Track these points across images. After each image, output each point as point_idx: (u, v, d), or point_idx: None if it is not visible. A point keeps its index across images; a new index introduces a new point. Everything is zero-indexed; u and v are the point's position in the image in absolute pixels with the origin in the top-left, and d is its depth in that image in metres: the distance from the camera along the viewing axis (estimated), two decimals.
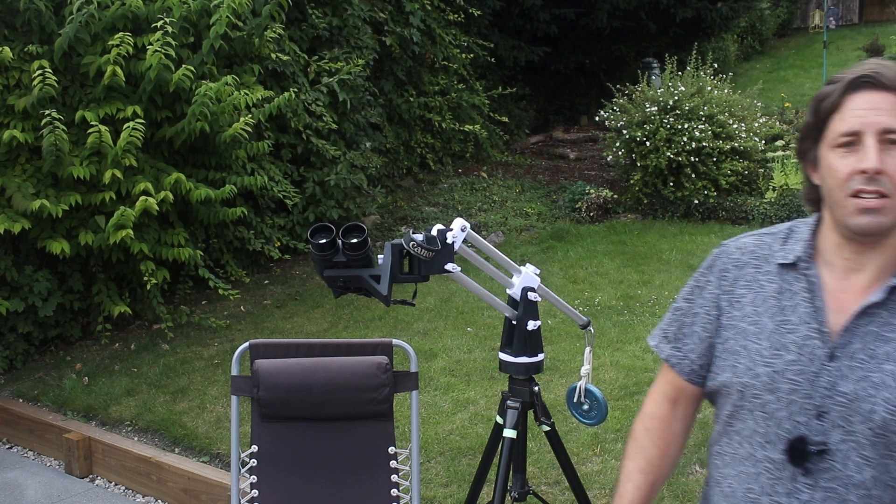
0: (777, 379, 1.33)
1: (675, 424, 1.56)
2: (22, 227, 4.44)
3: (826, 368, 1.30)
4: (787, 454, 1.33)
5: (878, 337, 1.29)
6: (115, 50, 4.56)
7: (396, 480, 2.40)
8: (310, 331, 5.32)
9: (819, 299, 1.34)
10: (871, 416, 1.26)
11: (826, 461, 1.30)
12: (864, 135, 1.26)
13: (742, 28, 15.82)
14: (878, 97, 1.27)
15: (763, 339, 1.36)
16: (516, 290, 2.21)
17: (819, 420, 1.30)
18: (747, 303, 1.41)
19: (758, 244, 1.45)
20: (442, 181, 8.74)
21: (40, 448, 4.35)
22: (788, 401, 1.32)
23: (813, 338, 1.32)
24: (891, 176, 1.25)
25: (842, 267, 1.35)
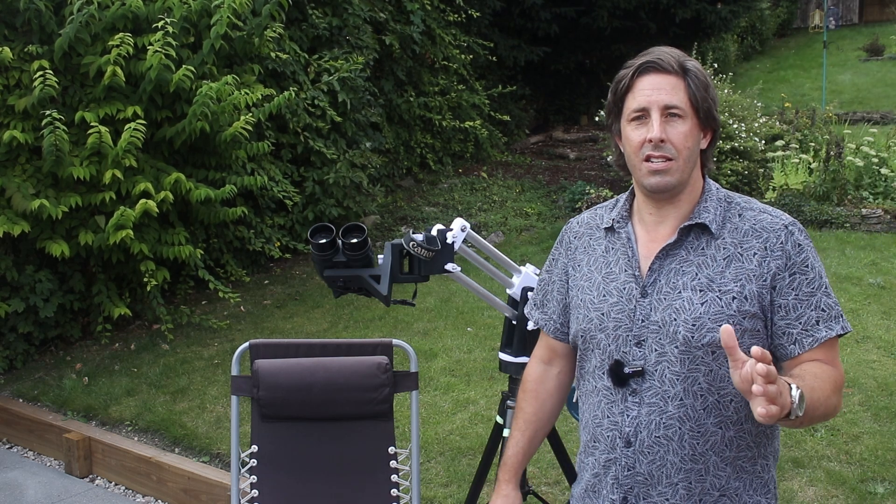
0: (604, 319, 1.60)
1: (549, 383, 1.82)
2: (22, 229, 4.44)
3: (640, 304, 1.56)
4: (608, 378, 1.59)
5: (678, 272, 1.55)
6: (116, 50, 4.56)
7: (396, 480, 2.40)
8: (310, 331, 5.32)
9: (632, 250, 1.60)
10: (676, 337, 1.51)
11: (647, 381, 1.55)
12: (651, 110, 1.52)
13: (742, 28, 15.82)
14: (662, 79, 1.52)
15: (594, 290, 1.64)
16: (516, 290, 2.21)
17: (638, 347, 1.56)
18: (584, 264, 1.70)
19: (592, 216, 1.75)
20: (442, 181, 8.74)
21: (40, 448, 4.35)
22: (615, 336, 1.58)
23: (629, 282, 1.59)
24: (673, 143, 1.51)
25: (650, 221, 1.61)
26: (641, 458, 1.56)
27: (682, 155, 1.52)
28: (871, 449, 3.48)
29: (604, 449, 1.61)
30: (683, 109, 1.52)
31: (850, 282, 5.52)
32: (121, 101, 4.81)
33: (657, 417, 1.54)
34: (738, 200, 1.60)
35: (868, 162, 7.24)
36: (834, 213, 6.78)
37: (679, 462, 1.54)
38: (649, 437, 1.55)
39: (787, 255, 1.51)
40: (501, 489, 1.81)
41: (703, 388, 1.52)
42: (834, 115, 9.34)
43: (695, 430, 1.53)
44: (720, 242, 1.54)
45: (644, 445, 1.56)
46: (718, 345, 1.48)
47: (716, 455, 1.54)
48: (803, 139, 8.10)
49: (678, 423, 1.53)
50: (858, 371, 4.19)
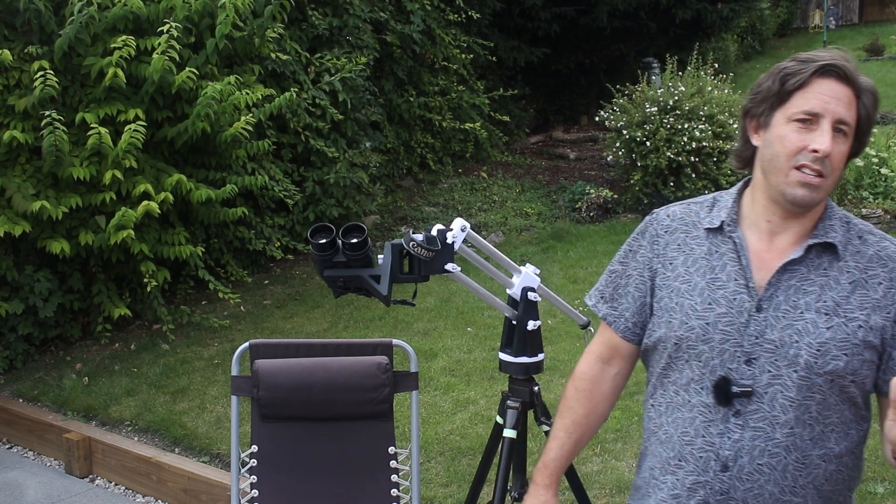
0: (710, 330, 1.47)
1: (605, 385, 1.70)
2: (23, 229, 4.44)
3: (754, 319, 1.44)
4: (713, 394, 1.46)
5: (799, 290, 1.44)
6: (118, 52, 4.56)
7: (396, 480, 2.40)
8: (310, 331, 5.32)
9: (745, 258, 1.48)
10: (797, 360, 1.40)
11: (755, 403, 1.43)
12: (823, 119, 1.38)
13: (742, 28, 15.82)
14: (841, 88, 1.39)
15: (696, 296, 1.50)
16: (516, 290, 2.21)
17: (748, 365, 1.44)
18: (679, 264, 1.55)
19: (686, 212, 1.60)
20: (442, 181, 8.74)
21: (40, 448, 4.35)
22: (721, 349, 1.46)
23: (741, 292, 1.46)
24: (832, 161, 1.39)
25: (766, 230, 1.49)
26: (738, 485, 1.45)
27: (835, 175, 1.41)
28: (871, 449, 3.46)
29: (692, 470, 1.49)
30: (851, 128, 1.41)
31: None
32: (121, 101, 4.81)
33: (762, 443, 1.43)
34: (855, 222, 1.50)
35: (868, 162, 7.24)
36: None
37: (778, 493, 1.44)
38: (750, 464, 1.44)
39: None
40: (540, 494, 1.71)
41: (812, 418, 1.43)
42: None
43: (800, 461, 1.43)
44: (843, 265, 1.44)
45: (743, 472, 1.44)
46: (840, 374, 1.41)
47: (815, 489, 1.45)
48: None
49: (784, 452, 1.43)
50: None
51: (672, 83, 7.78)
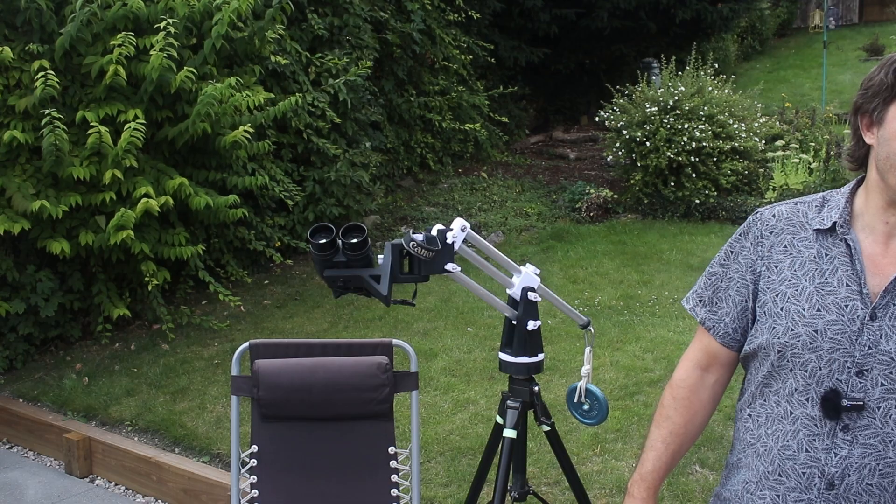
0: (818, 338, 1.37)
1: (703, 393, 1.60)
2: (22, 227, 4.44)
3: (867, 328, 1.34)
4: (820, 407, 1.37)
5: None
6: (118, 49, 4.56)
7: (396, 480, 2.40)
8: (310, 331, 5.32)
9: (859, 262, 1.38)
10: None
11: (865, 418, 1.34)
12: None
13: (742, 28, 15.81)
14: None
15: (803, 301, 1.40)
16: (516, 290, 2.21)
17: (859, 377, 1.34)
18: (786, 267, 1.45)
19: (792, 212, 1.49)
20: (442, 181, 8.74)
21: (40, 448, 4.35)
22: (829, 359, 1.36)
23: (853, 299, 1.36)
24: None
25: (882, 231, 1.39)
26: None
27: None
28: None
29: (794, 486, 1.41)
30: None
31: None
32: (121, 101, 4.81)
33: (872, 462, 1.35)
34: None
35: None
36: None
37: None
38: (859, 483, 1.35)
39: None
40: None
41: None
42: (834, 115, 9.34)
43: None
44: None
45: (851, 491, 1.36)
46: None
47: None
48: (803, 139, 8.10)
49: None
50: None
51: (672, 83, 7.78)
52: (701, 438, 3.58)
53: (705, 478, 3.34)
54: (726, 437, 3.61)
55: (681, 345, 4.68)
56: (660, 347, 4.67)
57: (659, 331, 4.95)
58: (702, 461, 3.45)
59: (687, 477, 3.36)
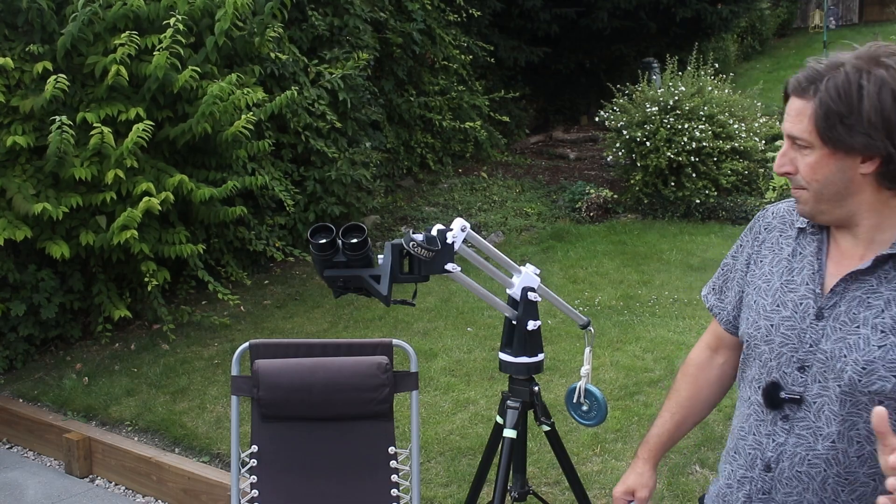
0: (772, 332, 1.47)
1: (711, 371, 1.72)
2: (25, 235, 4.44)
3: (813, 326, 1.42)
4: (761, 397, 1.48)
5: (862, 302, 1.38)
6: (122, 49, 4.55)
7: (396, 480, 2.40)
8: (310, 331, 5.32)
9: (821, 262, 1.45)
10: (841, 375, 1.36)
11: (803, 411, 1.43)
12: (785, 137, 1.41)
13: (742, 28, 15.81)
14: (795, 102, 1.37)
15: (769, 296, 1.49)
16: (516, 290, 2.21)
17: (801, 372, 1.43)
18: (766, 263, 1.54)
19: (788, 210, 1.57)
20: (442, 181, 8.74)
21: (40, 448, 4.35)
22: (779, 353, 1.46)
23: (808, 297, 1.44)
24: (802, 174, 1.39)
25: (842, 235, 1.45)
26: (779, 487, 1.47)
27: (812, 188, 1.38)
28: None
29: (742, 464, 1.53)
30: (806, 140, 1.35)
31: None
32: (122, 101, 4.80)
33: (803, 451, 1.43)
34: None
35: None
36: None
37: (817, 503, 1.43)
38: (790, 469, 1.45)
39: None
40: (637, 466, 1.76)
41: (861, 436, 1.38)
42: None
43: (842, 476, 1.41)
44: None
45: (783, 476, 1.46)
46: (888, 395, 1.34)
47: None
48: None
49: (825, 464, 1.41)
50: None
51: (672, 83, 7.78)
52: (701, 438, 3.58)
53: (705, 478, 3.34)
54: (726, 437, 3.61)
55: (681, 345, 4.68)
56: (660, 347, 4.67)
57: (659, 331, 4.95)
58: (702, 461, 3.45)
59: (687, 477, 3.36)
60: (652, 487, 1.75)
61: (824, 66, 1.34)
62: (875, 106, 1.28)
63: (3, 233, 4.34)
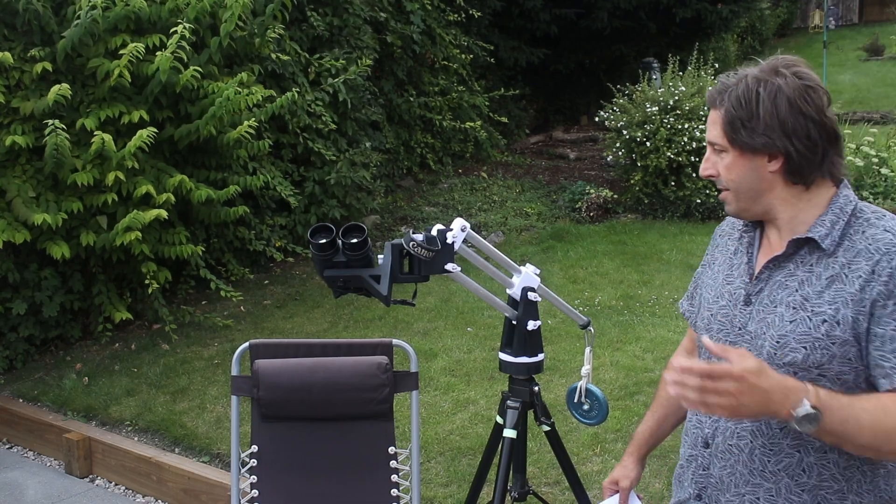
0: (711, 321, 1.62)
1: None
2: (24, 238, 4.44)
3: (742, 311, 1.56)
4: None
5: (781, 285, 1.52)
6: (126, 56, 4.55)
7: (396, 480, 2.41)
8: (310, 331, 5.32)
9: (751, 255, 1.60)
10: (762, 351, 1.49)
11: None
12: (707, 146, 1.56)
13: (742, 28, 15.81)
14: (713, 113, 1.54)
15: (713, 291, 1.65)
16: (516, 290, 2.21)
17: None
18: (716, 263, 1.70)
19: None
20: (442, 181, 8.74)
21: (40, 448, 4.35)
22: (716, 339, 1.59)
23: (740, 287, 1.58)
24: (724, 175, 1.53)
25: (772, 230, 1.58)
26: (716, 462, 1.59)
27: (732, 187, 1.53)
28: None
29: (689, 443, 1.67)
30: (721, 144, 1.52)
31: None
32: (124, 102, 4.80)
33: (732, 426, 1.55)
34: (868, 215, 1.49)
35: (868, 162, 7.24)
36: None
37: (748, 475, 1.54)
38: (724, 443, 1.57)
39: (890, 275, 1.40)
40: (623, 460, 1.92)
41: None
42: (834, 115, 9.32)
43: (767, 446, 1.51)
44: (831, 260, 1.46)
45: (718, 450, 1.58)
46: (801, 366, 1.45)
47: (789, 478, 1.50)
48: None
49: (751, 436, 1.52)
50: None
51: (672, 83, 7.78)
52: None
53: None
54: None
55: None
56: (660, 347, 4.67)
57: (659, 331, 4.95)
58: None
59: None
60: (634, 479, 1.90)
61: (732, 79, 1.52)
62: (770, 111, 1.45)
63: (3, 235, 4.33)
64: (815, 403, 1.31)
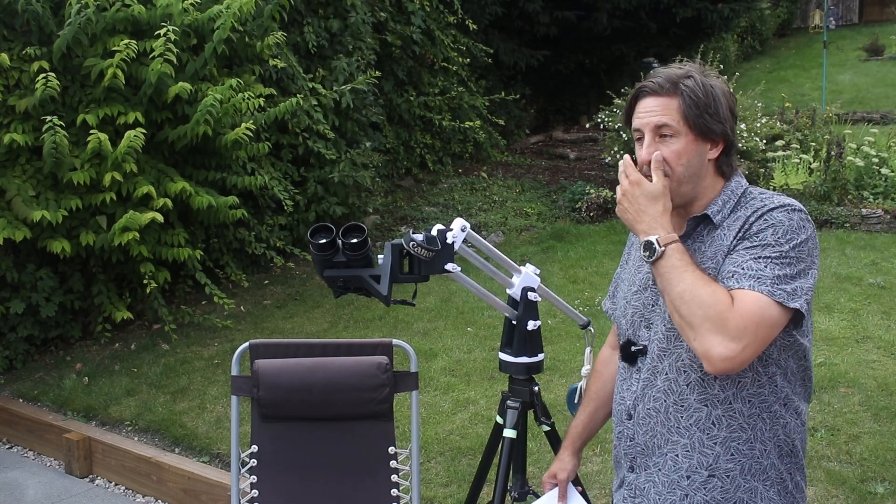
0: (627, 307, 1.76)
1: (613, 366, 1.92)
2: (24, 235, 4.44)
3: (651, 289, 1.69)
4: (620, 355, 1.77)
5: None
6: (119, 55, 4.55)
7: (396, 480, 2.41)
8: (310, 331, 5.32)
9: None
10: (665, 316, 1.63)
11: (648, 358, 1.69)
12: (645, 132, 1.63)
13: (742, 28, 15.82)
14: (654, 101, 1.62)
15: (627, 282, 1.80)
16: (516, 290, 2.21)
17: (647, 329, 1.70)
18: (632, 259, 1.83)
19: None
20: (442, 181, 8.74)
21: (40, 448, 4.35)
22: (631, 321, 1.73)
23: (648, 273, 1.69)
24: (669, 160, 1.60)
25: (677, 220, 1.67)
26: (638, 430, 1.70)
27: (677, 172, 1.61)
28: (871, 449, 3.48)
29: (617, 422, 1.77)
30: (675, 128, 1.60)
31: (851, 282, 5.52)
32: (121, 102, 4.80)
33: (649, 391, 1.67)
34: (755, 194, 1.64)
35: (868, 162, 7.24)
36: (834, 213, 6.78)
37: (667, 433, 1.65)
38: (644, 409, 1.69)
39: (748, 226, 1.56)
40: (559, 454, 2.05)
41: (685, 365, 1.61)
42: (834, 116, 9.33)
43: (678, 403, 1.63)
44: (720, 231, 1.61)
45: (640, 417, 1.70)
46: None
47: (701, 432, 1.61)
48: (804, 139, 8.10)
49: (664, 395, 1.65)
50: (858, 371, 4.19)
51: None
52: None
53: None
54: None
55: None
56: None
57: None
58: None
59: None
60: (571, 470, 2.04)
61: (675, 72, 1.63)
62: (722, 102, 1.61)
63: (3, 232, 4.34)
64: (663, 243, 1.53)
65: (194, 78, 4.99)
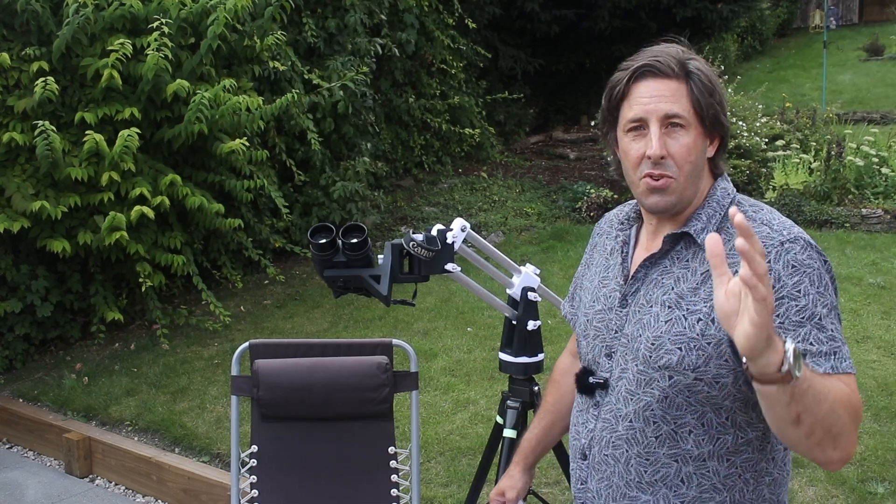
0: (588, 326, 1.52)
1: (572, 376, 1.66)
2: (21, 226, 4.43)
3: (618, 314, 1.45)
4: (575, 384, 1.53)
5: (657, 283, 1.41)
6: (114, 54, 4.55)
7: (396, 480, 2.40)
8: (310, 331, 5.31)
9: (626, 254, 1.50)
10: (638, 354, 1.39)
11: (609, 395, 1.45)
12: (649, 121, 1.35)
13: (742, 28, 15.82)
14: (661, 84, 1.35)
15: (590, 294, 1.55)
16: (516, 290, 2.21)
17: (608, 358, 1.46)
18: (594, 264, 1.59)
19: (618, 212, 1.60)
20: (442, 181, 8.74)
21: (40, 448, 4.35)
22: (592, 345, 1.50)
23: (616, 290, 1.47)
24: (675, 158, 1.35)
25: (649, 230, 1.48)
26: (593, 474, 1.48)
27: (685, 171, 1.35)
28: (871, 449, 3.48)
29: (572, 456, 1.55)
30: (686, 118, 1.34)
31: (850, 282, 5.52)
32: (119, 101, 4.80)
33: (608, 435, 1.44)
34: (745, 208, 1.39)
35: (868, 162, 7.24)
36: (834, 213, 6.78)
37: (624, 487, 1.43)
38: (600, 454, 1.46)
39: (777, 277, 1.27)
40: (509, 470, 1.82)
41: (656, 415, 1.38)
42: (834, 115, 9.34)
43: (643, 456, 1.40)
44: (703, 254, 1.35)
45: (595, 461, 1.47)
46: (676, 369, 1.34)
47: (668, 489, 1.39)
48: (804, 139, 8.10)
49: (626, 444, 1.42)
50: (858, 371, 4.18)
51: None
52: None
53: None
54: None
55: None
56: None
57: None
58: None
59: None
60: (520, 489, 1.79)
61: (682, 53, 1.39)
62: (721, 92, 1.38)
63: (1, 224, 4.33)
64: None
65: (192, 76, 4.98)
